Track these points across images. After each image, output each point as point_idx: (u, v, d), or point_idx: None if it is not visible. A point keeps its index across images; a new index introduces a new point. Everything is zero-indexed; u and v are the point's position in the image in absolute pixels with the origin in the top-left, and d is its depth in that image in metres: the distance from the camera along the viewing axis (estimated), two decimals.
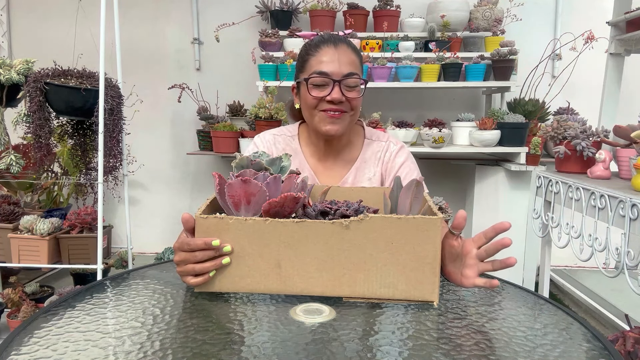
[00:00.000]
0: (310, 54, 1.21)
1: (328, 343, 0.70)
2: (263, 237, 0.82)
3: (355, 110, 1.22)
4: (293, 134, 1.35)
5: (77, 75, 2.01)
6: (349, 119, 1.22)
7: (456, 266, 0.91)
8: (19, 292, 2.25)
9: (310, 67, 1.20)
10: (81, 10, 2.82)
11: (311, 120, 1.24)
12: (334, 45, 1.19)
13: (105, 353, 0.67)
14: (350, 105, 1.20)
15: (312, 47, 1.22)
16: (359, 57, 1.23)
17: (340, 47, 1.19)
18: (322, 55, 1.19)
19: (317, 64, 1.19)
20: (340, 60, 1.18)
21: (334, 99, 1.17)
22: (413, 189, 0.90)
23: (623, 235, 1.42)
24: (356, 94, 1.20)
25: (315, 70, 1.18)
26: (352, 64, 1.19)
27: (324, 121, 1.20)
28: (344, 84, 1.18)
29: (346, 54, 1.19)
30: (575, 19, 2.99)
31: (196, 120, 3.08)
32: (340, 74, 1.17)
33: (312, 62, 1.20)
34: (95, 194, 2.13)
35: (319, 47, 1.20)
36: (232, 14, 3.01)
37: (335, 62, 1.17)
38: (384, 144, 1.33)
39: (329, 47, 1.19)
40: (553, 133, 1.90)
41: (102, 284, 0.95)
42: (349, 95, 1.19)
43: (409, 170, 1.29)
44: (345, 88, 1.18)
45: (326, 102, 1.18)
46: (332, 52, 1.18)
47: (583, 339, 0.76)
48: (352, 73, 1.18)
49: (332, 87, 1.17)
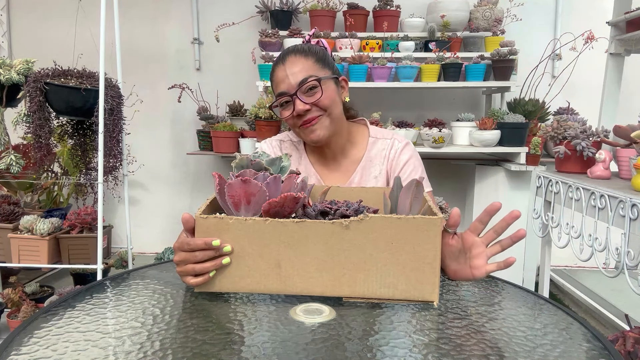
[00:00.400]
0: (271, 79, 1.25)
1: (328, 343, 0.70)
2: (263, 237, 0.82)
3: (328, 109, 1.19)
4: (299, 140, 1.35)
5: (77, 75, 2.01)
6: (328, 119, 1.20)
7: (461, 262, 0.91)
8: (19, 292, 2.25)
9: (275, 91, 1.23)
10: (81, 10, 2.81)
11: (298, 136, 1.27)
12: (281, 62, 1.20)
13: (105, 353, 0.67)
14: (319, 107, 1.18)
15: (271, 71, 1.24)
16: (313, 57, 1.20)
17: (287, 60, 1.19)
18: (276, 76, 1.21)
19: (275, 86, 1.22)
20: (290, 72, 1.17)
21: (298, 111, 1.17)
22: (413, 189, 0.90)
23: (623, 235, 1.42)
24: (318, 94, 1.17)
25: (276, 93, 1.21)
26: (304, 69, 1.18)
27: (305, 133, 1.21)
28: (302, 91, 1.17)
29: (295, 64, 1.18)
30: (575, 19, 2.99)
31: (196, 120, 3.08)
32: (293, 86, 1.17)
33: (273, 86, 1.24)
34: (95, 194, 2.13)
35: (274, 70, 1.23)
36: (232, 14, 3.01)
37: (285, 78, 1.18)
38: (388, 141, 1.32)
39: (280, 66, 1.20)
40: (553, 133, 1.90)
41: (102, 284, 0.95)
42: (311, 100, 1.17)
43: (414, 167, 1.29)
44: (305, 95, 1.17)
45: (296, 117, 1.19)
46: (282, 69, 1.19)
47: (583, 339, 0.76)
48: (304, 79, 1.16)
49: (293, 102, 1.18)
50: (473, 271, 0.90)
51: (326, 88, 1.19)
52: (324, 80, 1.18)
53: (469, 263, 0.90)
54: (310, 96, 1.17)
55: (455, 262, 0.92)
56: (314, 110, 1.18)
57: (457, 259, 0.92)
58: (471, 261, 0.90)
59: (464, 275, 0.92)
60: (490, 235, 0.90)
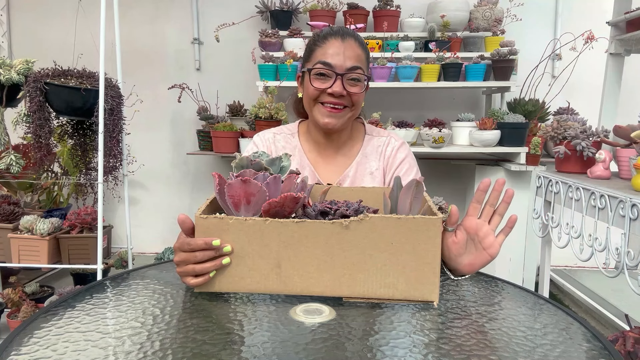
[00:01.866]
0: (317, 44, 1.21)
1: (328, 343, 0.70)
2: (263, 237, 0.82)
3: (356, 105, 1.22)
4: (293, 132, 1.35)
5: (77, 75, 2.01)
6: (349, 114, 1.22)
7: (472, 251, 0.92)
8: (19, 292, 2.25)
9: (315, 57, 1.20)
10: (81, 10, 2.81)
11: (310, 112, 1.24)
12: (341, 38, 1.18)
13: (105, 353, 0.67)
14: (352, 100, 1.20)
15: (320, 38, 1.21)
16: (365, 53, 1.22)
17: (347, 40, 1.18)
18: (328, 47, 1.18)
19: (322, 55, 1.18)
20: (346, 53, 1.16)
21: (334, 92, 1.16)
22: (413, 189, 0.90)
23: (623, 235, 1.42)
24: (358, 89, 1.19)
25: (319, 60, 1.17)
26: (357, 59, 1.18)
27: (323, 114, 1.20)
28: (347, 77, 1.17)
29: (352, 48, 1.18)
30: (575, 19, 2.99)
31: (196, 120, 3.08)
32: (343, 68, 1.16)
33: (318, 52, 1.19)
34: (95, 194, 2.13)
35: (326, 39, 1.19)
36: (232, 14, 3.01)
37: (340, 55, 1.16)
38: (385, 139, 1.33)
39: (336, 40, 1.18)
40: (553, 133, 1.90)
41: (102, 284, 0.95)
42: (351, 90, 1.18)
43: (409, 166, 1.30)
44: (348, 82, 1.18)
45: (327, 94, 1.18)
46: (339, 45, 1.17)
47: (583, 339, 0.76)
48: (355, 67, 1.17)
49: (335, 79, 1.16)
50: (488, 252, 0.90)
51: (362, 87, 1.20)
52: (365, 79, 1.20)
53: (482, 246, 0.90)
54: (351, 86, 1.18)
55: (467, 254, 0.92)
56: (345, 99, 1.19)
57: (468, 250, 0.92)
58: (482, 243, 0.90)
59: (481, 261, 0.91)
60: (488, 210, 0.92)
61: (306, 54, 1.25)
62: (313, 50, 1.21)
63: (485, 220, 0.91)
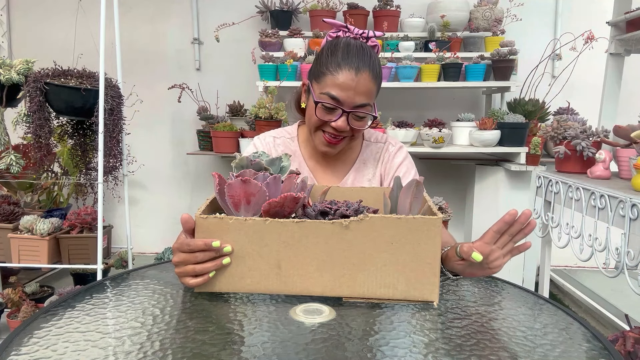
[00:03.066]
0: (329, 69, 1.12)
1: (328, 343, 0.70)
2: (263, 237, 0.82)
3: (356, 135, 1.20)
4: (292, 136, 1.35)
5: (77, 75, 2.01)
6: (348, 140, 1.21)
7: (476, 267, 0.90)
8: (19, 292, 2.25)
9: (324, 83, 1.13)
10: (81, 10, 2.81)
11: (311, 133, 1.23)
12: (355, 71, 1.10)
13: (105, 353, 0.67)
14: (352, 133, 1.18)
15: (334, 63, 1.12)
16: (377, 85, 1.16)
17: (361, 74, 1.10)
18: (340, 77, 1.10)
19: (332, 85, 1.11)
20: (357, 89, 1.10)
21: (338, 127, 1.14)
22: (413, 189, 0.90)
23: (623, 235, 1.42)
24: (362, 124, 1.16)
25: (328, 92, 1.12)
26: (368, 95, 1.13)
27: (322, 142, 1.19)
28: (353, 114, 1.14)
29: (365, 83, 1.11)
30: (575, 19, 2.99)
31: (196, 120, 3.08)
32: (351, 105, 1.12)
33: (328, 79, 1.12)
34: (95, 194, 2.13)
35: (340, 67, 1.11)
36: (232, 14, 3.01)
37: (350, 91, 1.10)
38: (382, 145, 1.33)
39: (350, 72, 1.10)
40: (553, 133, 1.90)
41: (102, 284, 0.95)
42: (355, 125, 1.15)
43: (407, 169, 1.30)
44: (353, 118, 1.15)
45: (330, 125, 1.15)
46: (352, 78, 1.10)
47: (583, 339, 0.76)
48: (364, 104, 1.13)
49: (340, 115, 1.13)
50: (492, 270, 0.89)
51: (367, 122, 1.18)
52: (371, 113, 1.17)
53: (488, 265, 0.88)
54: (356, 121, 1.15)
55: (471, 267, 0.90)
56: (347, 132, 1.17)
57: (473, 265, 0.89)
58: (489, 264, 0.88)
59: (483, 274, 0.91)
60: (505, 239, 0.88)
61: (316, 68, 1.17)
62: (324, 73, 1.13)
63: (499, 247, 0.88)
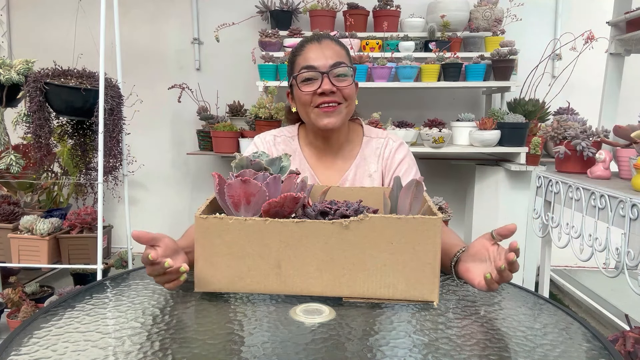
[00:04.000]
0: (296, 54, 1.25)
1: (328, 343, 0.70)
2: (263, 237, 0.82)
3: (349, 100, 1.23)
4: (293, 135, 1.35)
5: (77, 75, 2.01)
6: (345, 110, 1.23)
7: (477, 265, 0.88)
8: (19, 292, 2.25)
9: (298, 65, 1.23)
10: (81, 10, 2.81)
11: (308, 119, 1.25)
12: (317, 42, 1.23)
13: (105, 353, 0.67)
14: (343, 95, 1.21)
15: (298, 48, 1.26)
16: (344, 49, 1.26)
17: (323, 42, 1.23)
18: (307, 52, 1.22)
19: (304, 60, 1.22)
20: (325, 53, 1.20)
21: (324, 90, 1.18)
22: (413, 189, 0.90)
23: (623, 235, 1.42)
24: (347, 82, 1.21)
25: (302, 65, 1.21)
26: (338, 55, 1.22)
27: (320, 116, 1.21)
28: (332, 74, 1.19)
29: (330, 47, 1.22)
30: (575, 19, 2.98)
31: (196, 120, 3.08)
32: (326, 66, 1.19)
33: (299, 60, 1.23)
34: (95, 194, 2.13)
35: (303, 46, 1.24)
36: (232, 14, 3.00)
37: (320, 56, 1.20)
38: (383, 140, 1.33)
39: (313, 44, 1.23)
40: (553, 133, 1.90)
41: (102, 284, 0.95)
42: (340, 85, 1.20)
43: (408, 167, 1.30)
44: (335, 78, 1.20)
45: (318, 95, 1.19)
46: (316, 47, 1.22)
47: (583, 339, 0.76)
48: (338, 62, 1.20)
49: (322, 79, 1.19)
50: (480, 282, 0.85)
51: (350, 80, 1.22)
52: (351, 73, 1.22)
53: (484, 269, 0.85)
54: (339, 81, 1.20)
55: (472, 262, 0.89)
56: (337, 96, 1.20)
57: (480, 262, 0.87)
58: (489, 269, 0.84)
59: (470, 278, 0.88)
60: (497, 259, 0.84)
61: (289, 68, 1.29)
62: (294, 61, 1.26)
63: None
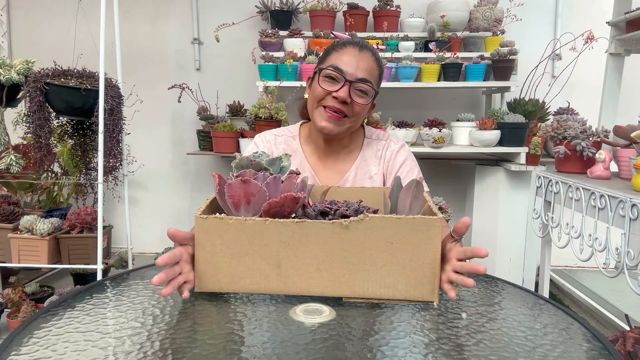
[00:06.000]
0: (334, 49, 1.23)
1: (328, 343, 0.70)
2: (263, 237, 0.82)
3: (356, 117, 1.22)
4: (294, 134, 1.35)
5: (77, 75, 2.01)
6: (348, 124, 1.22)
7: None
8: (19, 292, 2.25)
9: (329, 60, 1.21)
10: (81, 10, 2.81)
11: (312, 113, 1.25)
12: (359, 48, 1.20)
13: (105, 353, 0.67)
14: (353, 111, 1.20)
15: (339, 44, 1.23)
16: (379, 69, 1.24)
17: (364, 52, 1.20)
18: (344, 53, 1.20)
19: (337, 59, 1.20)
20: (360, 64, 1.18)
21: (339, 97, 1.17)
22: (413, 189, 0.90)
23: (623, 235, 1.42)
24: (363, 101, 1.20)
25: (333, 64, 1.19)
26: (370, 72, 1.20)
27: (322, 117, 1.21)
28: (355, 86, 1.18)
29: (367, 61, 1.20)
30: (575, 19, 2.98)
31: (196, 120, 3.08)
32: (354, 76, 1.17)
33: (333, 56, 1.21)
34: (95, 194, 2.13)
35: (344, 46, 1.22)
36: (232, 14, 3.00)
37: (353, 64, 1.18)
38: (384, 142, 1.33)
39: (353, 49, 1.20)
40: (553, 133, 1.90)
41: (102, 284, 0.95)
42: (356, 100, 1.18)
43: (410, 169, 1.30)
44: (355, 92, 1.18)
45: (332, 97, 1.18)
46: (355, 54, 1.19)
47: (583, 339, 0.76)
48: (365, 79, 1.18)
49: (342, 85, 1.17)
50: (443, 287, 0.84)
51: (368, 100, 1.21)
52: (372, 95, 1.21)
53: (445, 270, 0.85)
54: (357, 96, 1.19)
55: None
56: (347, 108, 1.19)
57: None
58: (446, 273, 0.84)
59: None
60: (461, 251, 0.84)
61: (322, 56, 1.26)
62: (329, 53, 1.23)
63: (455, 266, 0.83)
